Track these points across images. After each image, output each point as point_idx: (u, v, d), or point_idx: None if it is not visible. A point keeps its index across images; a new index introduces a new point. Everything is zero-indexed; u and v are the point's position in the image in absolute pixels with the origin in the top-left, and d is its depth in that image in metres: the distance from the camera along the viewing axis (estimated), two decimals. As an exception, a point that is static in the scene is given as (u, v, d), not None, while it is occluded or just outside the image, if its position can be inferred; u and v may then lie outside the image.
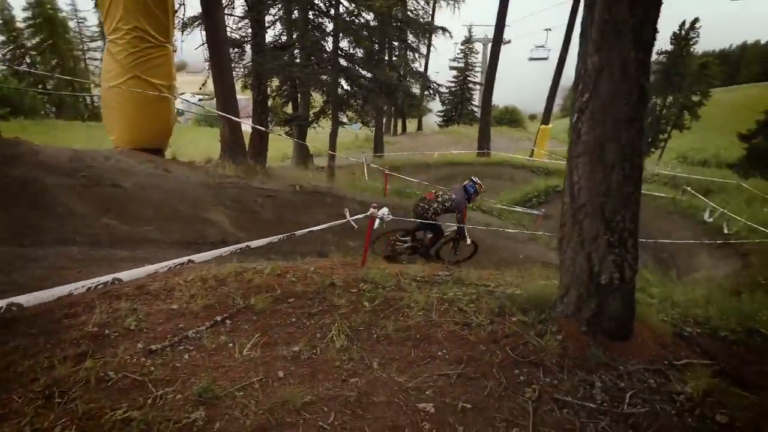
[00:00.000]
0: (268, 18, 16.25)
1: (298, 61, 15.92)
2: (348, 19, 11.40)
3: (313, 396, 2.76)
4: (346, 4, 13.53)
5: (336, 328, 3.41)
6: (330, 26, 14.83)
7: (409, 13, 31.76)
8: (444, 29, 13.10)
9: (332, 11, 13.27)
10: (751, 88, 74.35)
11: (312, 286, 4.08)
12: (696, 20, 39.63)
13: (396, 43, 17.22)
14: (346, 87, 14.92)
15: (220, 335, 3.33)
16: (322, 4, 15.49)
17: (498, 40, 22.71)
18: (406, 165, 20.65)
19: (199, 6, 12.19)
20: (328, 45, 14.49)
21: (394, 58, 23.32)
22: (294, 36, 15.94)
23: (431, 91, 15.35)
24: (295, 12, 15.80)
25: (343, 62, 13.76)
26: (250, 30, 15.38)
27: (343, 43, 14.01)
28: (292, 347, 3.28)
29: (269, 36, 16.94)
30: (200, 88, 17.23)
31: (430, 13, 33.84)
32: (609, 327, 3.20)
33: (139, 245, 6.18)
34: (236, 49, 16.57)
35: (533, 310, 3.48)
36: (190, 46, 13.94)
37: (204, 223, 7.43)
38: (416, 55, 20.22)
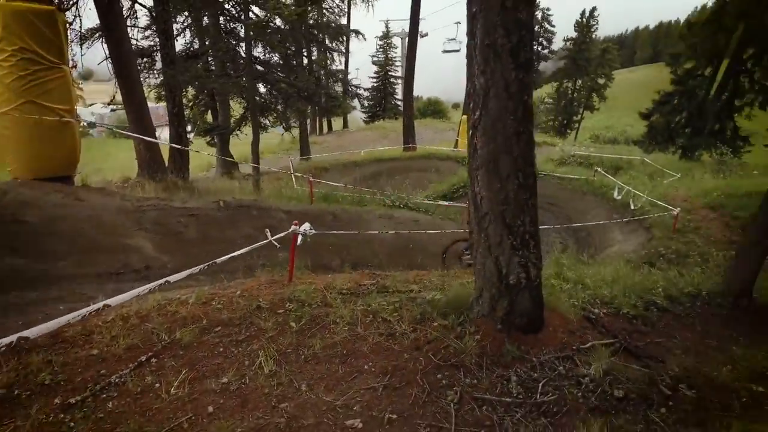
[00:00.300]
0: (176, 26, 15.56)
1: (212, 68, 15.41)
2: (262, 23, 11.12)
3: (242, 428, 2.78)
4: (257, 10, 13.24)
5: (264, 354, 3.42)
6: (243, 31, 14.44)
7: (325, 10, 31.81)
8: (357, 32, 13.10)
9: (243, 17, 12.90)
10: (647, 69, 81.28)
11: (238, 312, 4.04)
12: (594, 9, 42.64)
13: (314, 46, 17.08)
14: (265, 93, 14.62)
15: (146, 376, 3.23)
16: (233, 10, 15.03)
17: (413, 33, 23.10)
18: (333, 165, 20.61)
19: (97, 17, 11.40)
20: (243, 50, 14.08)
21: (313, 58, 23.22)
22: (206, 43, 15.38)
23: (350, 94, 15.33)
24: (206, 18, 15.25)
25: (259, 68, 13.45)
26: (158, 39, 14.62)
27: (258, 49, 13.71)
28: (220, 379, 3.25)
29: (180, 44, 16.26)
30: (109, 103, 16.23)
31: (346, 10, 33.95)
32: (521, 322, 3.44)
33: (53, 284, 5.79)
34: (145, 59, 15.75)
35: (453, 314, 3.67)
36: (94, 55, 13.02)
37: (125, 251, 7.09)
38: (335, 54, 20.18)
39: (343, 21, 34.37)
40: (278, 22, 10.73)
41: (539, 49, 45.85)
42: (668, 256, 8.55)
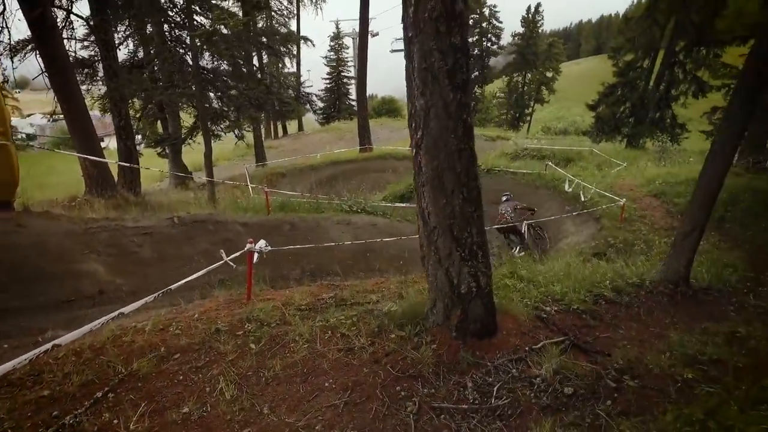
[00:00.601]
0: (119, 34, 14.96)
1: (159, 78, 14.94)
2: (209, 32, 10.86)
3: (205, 459, 2.78)
4: (201, 19, 12.95)
5: (224, 379, 3.40)
6: (189, 39, 14.05)
7: (274, 13, 31.41)
8: (306, 38, 12.96)
9: (188, 24, 12.55)
10: (591, 60, 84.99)
11: (197, 336, 3.99)
12: (539, 5, 44.08)
13: (263, 52, 16.84)
14: (215, 101, 14.32)
15: (103, 413, 3.13)
16: (177, 17, 14.62)
17: (364, 34, 23.11)
18: (289, 170, 20.42)
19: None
20: (190, 58, 13.72)
21: (264, 61, 22.81)
22: (151, 52, 14.89)
23: (302, 101, 15.20)
24: (150, 26, 14.76)
25: (208, 75, 13.12)
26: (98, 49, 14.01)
27: (206, 57, 13.38)
28: (181, 409, 3.21)
29: (123, 54, 15.66)
30: (51, 116, 15.41)
31: (295, 12, 33.66)
32: (475, 329, 3.57)
33: (-5, 319, 5.54)
34: (86, 70, 15.07)
35: (409, 324, 3.77)
36: (32, 62, 12.32)
37: (76, 277, 6.83)
38: (287, 58, 19.96)
39: (293, 24, 34.21)
40: (225, 30, 10.52)
41: (488, 45, 46.87)
42: (617, 245, 8.97)
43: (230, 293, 5.24)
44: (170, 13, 14.38)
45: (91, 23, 13.14)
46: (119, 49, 14.78)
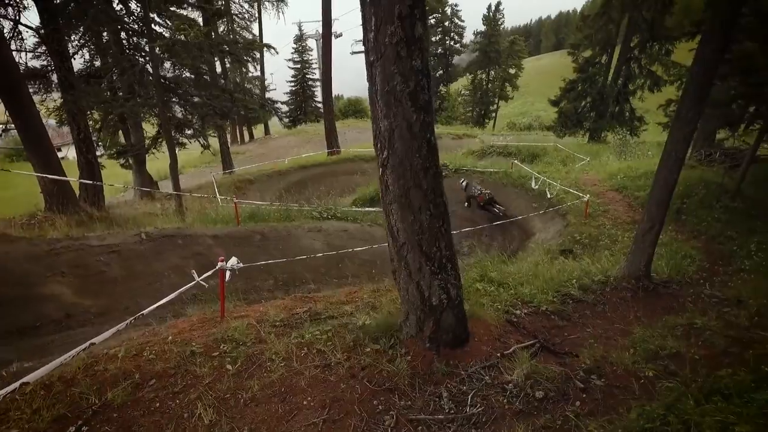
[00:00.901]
0: (73, 42, 14.43)
1: (118, 87, 14.49)
2: (169, 42, 10.62)
3: (185, 488, 2.77)
4: (160, 30, 12.64)
5: (202, 404, 3.38)
6: (148, 47, 13.67)
7: (235, 17, 30.94)
8: (269, 46, 12.82)
9: (146, 32, 12.22)
10: (552, 56, 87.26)
11: (172, 360, 3.95)
12: (499, 3, 44.87)
13: (226, 59, 16.60)
14: (179, 111, 14.04)
15: None
16: (134, 25, 14.23)
17: (327, 37, 23.04)
18: (258, 177, 20.14)
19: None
20: (150, 66, 13.36)
21: (227, 66, 22.40)
22: (109, 61, 14.44)
23: (267, 108, 15.03)
24: (106, 35, 14.30)
25: (170, 84, 12.81)
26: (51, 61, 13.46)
27: (167, 65, 13.07)
28: (159, 438, 3.20)
29: (78, 63, 15.12)
30: (4, 129, 14.73)
31: (256, 16, 33.25)
32: (448, 339, 3.67)
33: (-47, 351, 5.33)
34: (38, 82, 14.48)
35: (383, 337, 3.83)
36: None
37: (40, 301, 6.63)
38: (251, 64, 19.71)
39: (255, 27, 33.79)
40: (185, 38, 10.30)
41: (451, 43, 47.38)
42: (583, 241, 9.25)
43: (203, 311, 5.19)
44: (126, 20, 13.99)
45: (42, 32, 12.64)
46: (74, 59, 14.29)
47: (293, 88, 46.75)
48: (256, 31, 34.10)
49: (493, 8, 45.14)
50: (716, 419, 2.86)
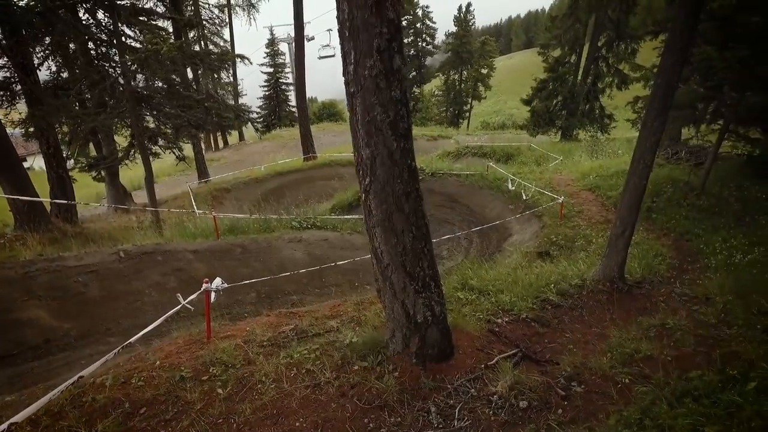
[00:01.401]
0: (37, 55, 14.02)
1: (88, 97, 14.15)
2: (142, 56, 10.43)
3: None
4: (130, 41, 12.41)
5: (195, 431, 3.43)
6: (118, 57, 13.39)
7: (205, 22, 30.58)
8: (242, 56, 12.73)
9: (116, 42, 11.97)
10: (522, 55, 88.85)
11: (162, 387, 3.94)
12: (469, 4, 45.47)
13: (199, 69, 16.36)
14: (152, 122, 13.83)
15: None
16: (104, 35, 13.94)
17: (300, 42, 22.95)
18: (234, 185, 19.96)
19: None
20: (119, 74, 13.07)
21: (200, 72, 22.11)
22: (77, 71, 14.09)
23: (243, 119, 14.89)
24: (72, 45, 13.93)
25: (142, 92, 12.56)
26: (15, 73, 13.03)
27: (139, 76, 12.85)
28: (152, 468, 3.22)
29: (44, 74, 14.70)
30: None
31: (227, 20, 32.94)
32: (433, 354, 3.78)
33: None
34: (1, 94, 14.00)
35: (371, 354, 3.92)
36: None
37: (16, 327, 6.51)
38: (222, 72, 19.54)
39: (226, 32, 33.46)
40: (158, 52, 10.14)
41: (423, 45, 47.81)
42: (559, 242, 9.50)
43: (189, 332, 5.17)
44: (93, 30, 13.68)
45: (3, 42, 12.25)
46: (39, 70, 13.90)
47: (267, 93, 46.39)
48: (227, 36, 33.82)
49: (463, 9, 45.70)
50: (687, 421, 3.04)
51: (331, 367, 3.94)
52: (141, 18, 12.81)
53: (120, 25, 11.82)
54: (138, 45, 13.11)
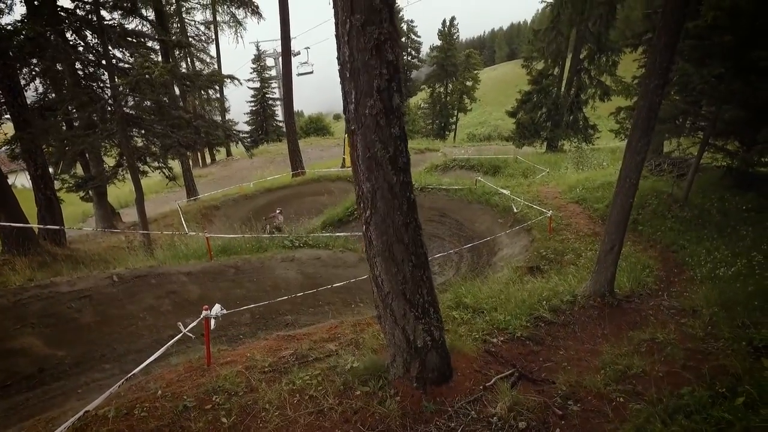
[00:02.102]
0: (24, 77, 13.98)
1: (75, 116, 14.11)
2: (133, 81, 10.43)
3: None
4: (119, 62, 12.46)
5: (200, 463, 3.47)
6: (105, 75, 13.41)
7: (192, 39, 30.67)
8: (232, 77, 12.84)
9: (106, 62, 12.00)
10: (506, 66, 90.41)
11: (165, 418, 3.95)
12: (453, 18, 46.32)
13: (188, 90, 16.43)
14: (141, 141, 13.84)
15: None
16: (91, 56, 13.96)
17: (287, 62, 23.22)
18: (223, 202, 19.90)
19: None
20: (108, 95, 13.04)
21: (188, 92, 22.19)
22: (64, 92, 14.07)
23: (234, 140, 14.96)
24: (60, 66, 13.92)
25: (130, 112, 12.55)
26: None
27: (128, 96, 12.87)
28: (159, 503, 3.24)
29: (31, 94, 14.64)
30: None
31: (213, 38, 33.12)
32: (433, 377, 3.87)
33: None
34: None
35: (372, 379, 4.00)
36: None
37: (9, 357, 6.46)
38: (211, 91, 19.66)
39: (212, 49, 33.59)
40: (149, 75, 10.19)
41: (408, 58, 48.46)
42: (549, 256, 9.67)
43: (189, 359, 5.19)
44: (81, 50, 13.70)
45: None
46: (26, 90, 13.85)
47: (253, 108, 46.49)
48: (213, 52, 33.95)
49: (447, 23, 46.47)
50: (681, 439, 3.17)
51: (333, 392, 4.00)
52: (130, 39, 12.89)
53: (111, 49, 11.86)
54: (127, 66, 13.19)
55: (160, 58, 16.55)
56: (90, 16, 12.03)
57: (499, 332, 5.34)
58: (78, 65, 14.30)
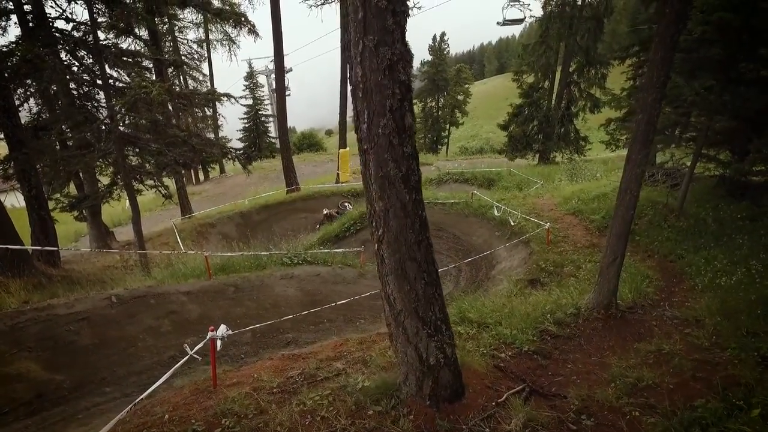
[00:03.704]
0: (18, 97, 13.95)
1: (68, 134, 14.06)
2: (131, 101, 10.41)
3: None
4: (114, 81, 12.49)
5: (213, 491, 3.40)
6: (101, 94, 13.40)
7: (184, 57, 30.80)
8: (228, 95, 12.88)
9: (101, 81, 12.00)
10: (495, 80, 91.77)
11: (175, 446, 3.91)
12: (443, 33, 46.93)
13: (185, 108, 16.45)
14: (136, 159, 13.82)
15: None
16: (85, 76, 13.98)
17: (280, 79, 23.34)
18: (218, 219, 19.77)
19: None
20: (103, 116, 13.02)
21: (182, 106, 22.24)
22: (57, 111, 14.04)
23: (231, 157, 14.99)
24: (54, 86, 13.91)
25: (125, 130, 12.52)
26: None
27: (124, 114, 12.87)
28: None
29: (25, 114, 14.58)
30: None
31: (206, 55, 33.28)
32: (446, 395, 3.84)
33: None
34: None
35: (384, 398, 3.96)
36: None
37: (6, 383, 6.31)
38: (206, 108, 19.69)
39: (205, 67, 33.73)
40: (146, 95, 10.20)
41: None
42: (548, 268, 9.69)
43: (194, 381, 5.12)
44: (75, 69, 13.71)
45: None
46: (20, 110, 13.80)
47: (246, 125, 46.58)
48: (206, 70, 34.08)
49: (438, 38, 47.09)
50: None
51: (345, 413, 3.95)
52: (126, 59, 12.92)
53: (108, 69, 11.88)
54: (122, 85, 13.20)
55: (154, 77, 16.63)
56: (86, 37, 12.04)
57: (506, 347, 5.33)
58: (72, 85, 14.31)
